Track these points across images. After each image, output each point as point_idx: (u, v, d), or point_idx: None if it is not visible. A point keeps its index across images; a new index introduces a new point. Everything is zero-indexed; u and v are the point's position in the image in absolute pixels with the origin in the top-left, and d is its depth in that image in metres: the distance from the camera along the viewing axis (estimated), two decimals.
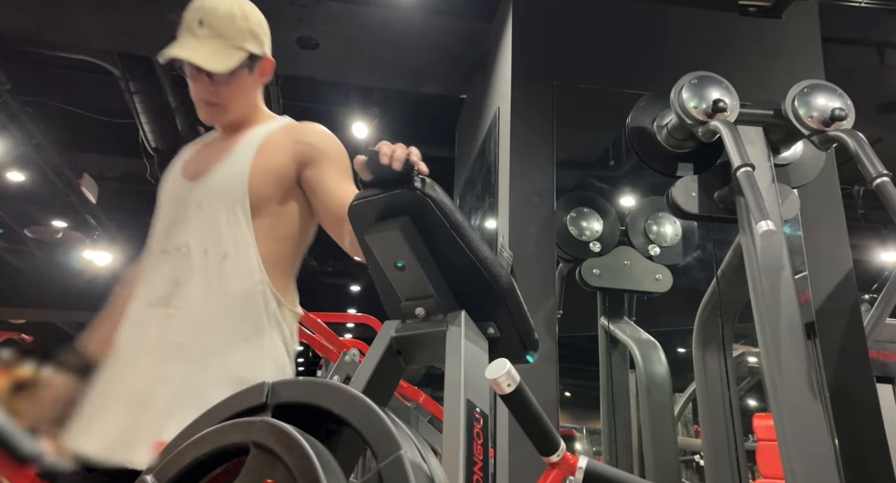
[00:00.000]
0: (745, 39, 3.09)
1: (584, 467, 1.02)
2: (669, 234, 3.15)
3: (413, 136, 5.48)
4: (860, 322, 2.63)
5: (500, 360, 0.97)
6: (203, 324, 1.20)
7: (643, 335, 3.04)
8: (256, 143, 1.34)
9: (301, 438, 0.82)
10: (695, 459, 4.53)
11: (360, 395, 0.89)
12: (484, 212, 3.22)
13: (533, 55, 2.96)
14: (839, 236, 2.75)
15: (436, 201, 1.16)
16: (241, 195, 1.27)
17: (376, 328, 4.45)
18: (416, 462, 0.86)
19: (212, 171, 1.31)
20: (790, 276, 1.85)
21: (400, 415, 0.99)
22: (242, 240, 1.26)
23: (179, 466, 0.87)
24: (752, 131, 2.08)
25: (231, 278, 1.23)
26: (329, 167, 1.36)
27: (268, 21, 1.51)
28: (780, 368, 1.74)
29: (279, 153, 1.33)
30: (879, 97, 4.33)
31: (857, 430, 2.42)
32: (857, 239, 6.03)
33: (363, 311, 5.33)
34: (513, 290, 1.20)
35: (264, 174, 1.29)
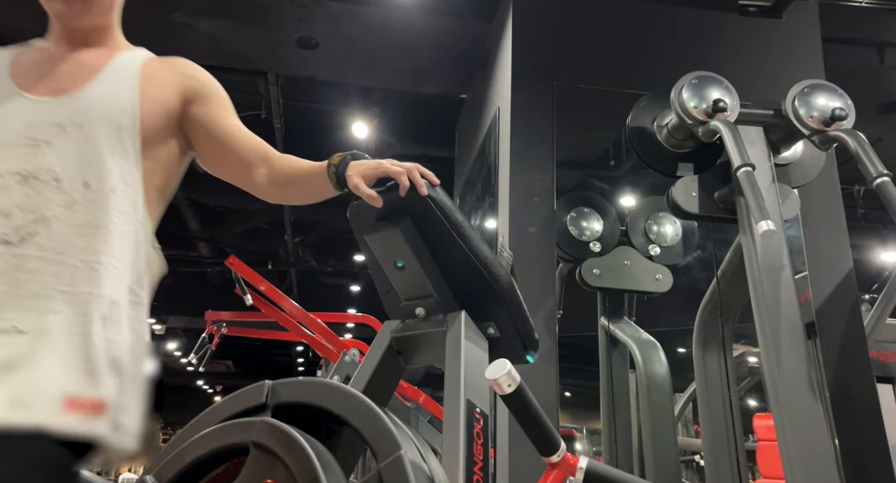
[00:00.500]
0: (745, 39, 3.09)
1: (584, 468, 1.02)
2: (670, 234, 3.15)
3: (413, 136, 5.48)
4: (860, 322, 2.63)
5: (501, 361, 0.97)
6: (78, 271, 0.97)
7: (643, 335, 3.04)
8: (135, 67, 1.14)
9: (301, 438, 0.82)
10: (695, 459, 4.53)
11: (360, 395, 0.89)
12: (484, 212, 3.21)
13: (533, 55, 2.96)
14: (839, 236, 2.75)
15: (436, 201, 1.16)
16: (131, 126, 1.08)
17: (376, 328, 4.45)
18: (416, 462, 0.86)
19: (78, 88, 1.08)
20: (790, 276, 1.85)
21: (400, 415, 0.99)
22: (131, 178, 1.06)
23: (179, 466, 0.87)
24: (753, 131, 2.08)
25: (118, 222, 1.02)
26: (221, 106, 1.24)
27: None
28: (781, 368, 1.73)
29: (164, 86, 1.16)
30: (879, 97, 4.33)
31: (857, 430, 2.42)
32: (857, 239, 6.03)
33: (363, 311, 5.34)
34: (513, 290, 1.20)
35: (154, 106, 1.12)
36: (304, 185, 1.27)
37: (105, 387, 0.91)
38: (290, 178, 1.26)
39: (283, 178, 1.25)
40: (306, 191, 1.29)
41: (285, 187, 1.27)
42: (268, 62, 4.23)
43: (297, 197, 1.33)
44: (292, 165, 1.27)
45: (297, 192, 1.30)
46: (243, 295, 4.23)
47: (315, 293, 9.21)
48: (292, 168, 1.27)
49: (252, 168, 1.25)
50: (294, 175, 1.26)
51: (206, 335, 4.90)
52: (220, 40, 3.80)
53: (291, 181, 1.26)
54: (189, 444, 0.88)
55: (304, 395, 0.92)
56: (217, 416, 0.93)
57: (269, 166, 1.25)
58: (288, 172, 1.26)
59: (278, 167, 1.26)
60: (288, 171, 1.26)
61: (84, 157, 1.03)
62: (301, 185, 1.27)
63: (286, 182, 1.26)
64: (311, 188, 1.28)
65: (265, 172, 1.25)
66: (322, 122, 5.27)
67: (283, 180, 1.25)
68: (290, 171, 1.26)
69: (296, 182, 1.26)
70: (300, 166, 1.27)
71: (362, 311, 5.84)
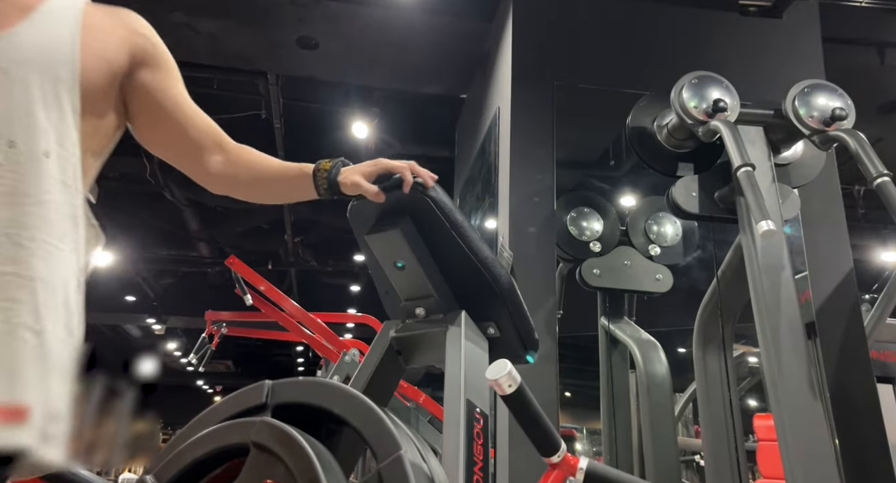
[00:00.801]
0: (745, 39, 3.09)
1: (584, 468, 1.02)
2: (670, 234, 3.15)
3: (413, 136, 5.48)
4: (860, 322, 2.63)
5: (501, 361, 0.97)
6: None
7: (643, 335, 3.04)
8: (75, 13, 0.95)
9: (301, 438, 0.82)
10: (695, 459, 4.53)
11: (360, 395, 0.89)
12: (484, 212, 3.21)
13: (533, 55, 2.96)
14: (839, 236, 2.75)
15: (436, 201, 1.16)
16: (70, 79, 0.90)
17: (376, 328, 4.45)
18: (416, 462, 0.86)
19: (6, 29, 0.89)
20: (790, 276, 1.85)
21: (400, 415, 0.99)
22: (68, 142, 0.89)
23: (179, 466, 0.87)
24: (753, 131, 2.08)
25: (52, 192, 0.85)
26: (173, 75, 1.09)
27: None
28: (781, 368, 1.73)
29: (109, 40, 0.99)
30: (879, 97, 4.33)
31: (857, 430, 2.42)
32: (857, 239, 6.03)
33: (363, 311, 5.33)
34: (513, 290, 1.20)
35: (97, 61, 0.94)
36: (274, 187, 1.20)
37: (30, 390, 0.76)
38: (256, 176, 1.16)
39: (247, 175, 1.15)
40: (275, 192, 1.23)
41: (248, 185, 1.17)
42: (268, 62, 4.23)
43: (258, 195, 1.24)
44: (260, 162, 1.17)
45: (261, 191, 1.22)
46: (243, 295, 4.23)
47: (315, 293, 9.21)
48: (260, 166, 1.17)
49: (203, 153, 1.13)
50: (263, 174, 1.17)
51: (206, 335, 4.90)
52: (220, 40, 3.79)
53: (257, 180, 1.17)
54: (189, 444, 0.88)
55: (304, 395, 0.92)
56: (217, 416, 0.93)
57: (224, 154, 1.14)
58: (255, 170, 1.16)
59: (239, 160, 1.15)
60: (255, 168, 1.16)
61: (10, 109, 0.84)
62: (270, 185, 1.19)
63: (251, 180, 1.16)
64: (282, 190, 1.21)
65: (219, 160, 1.13)
66: (322, 122, 5.27)
67: (247, 177, 1.15)
68: (259, 169, 1.17)
69: (263, 182, 1.17)
70: (270, 165, 1.18)
71: (362, 311, 5.84)
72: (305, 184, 1.18)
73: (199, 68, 4.28)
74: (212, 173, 1.14)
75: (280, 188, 1.20)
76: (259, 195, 1.24)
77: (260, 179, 1.17)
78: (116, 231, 7.30)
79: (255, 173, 1.16)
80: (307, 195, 1.19)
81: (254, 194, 1.22)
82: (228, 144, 1.15)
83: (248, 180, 1.16)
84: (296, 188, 1.19)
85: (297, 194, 1.20)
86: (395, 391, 1.46)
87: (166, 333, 11.51)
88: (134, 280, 8.59)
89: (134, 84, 1.04)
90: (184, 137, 1.11)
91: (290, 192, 1.21)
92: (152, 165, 5.61)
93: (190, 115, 1.11)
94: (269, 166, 1.18)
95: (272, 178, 1.18)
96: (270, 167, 1.18)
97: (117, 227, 7.27)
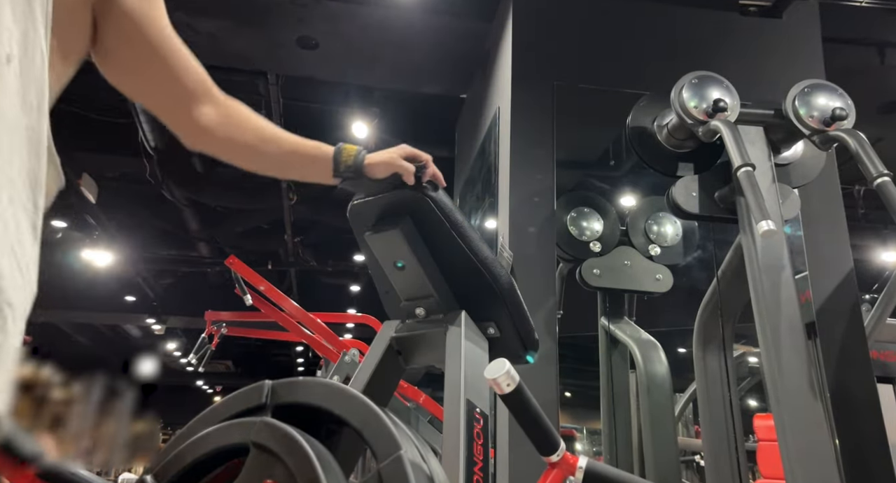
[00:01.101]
0: (745, 39, 3.09)
1: (583, 467, 1.02)
2: (670, 234, 3.15)
3: (413, 136, 5.48)
4: (861, 322, 2.63)
5: (500, 360, 0.97)
6: None
7: (643, 335, 3.04)
8: None
9: (301, 438, 0.82)
10: (695, 459, 4.52)
11: (360, 395, 0.89)
12: (484, 212, 3.21)
13: (533, 55, 2.96)
14: (840, 236, 2.75)
15: (436, 201, 1.16)
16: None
17: (376, 328, 4.45)
18: (416, 462, 0.86)
19: None
20: (790, 276, 1.85)
21: (400, 415, 0.99)
22: (36, 49, 0.70)
23: (179, 467, 0.87)
24: (753, 131, 2.08)
25: (8, 107, 0.66)
26: (159, 5, 0.93)
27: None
28: (781, 368, 1.73)
29: None
30: (879, 97, 4.33)
31: (857, 430, 2.42)
32: (857, 239, 6.03)
33: (363, 311, 5.33)
34: (513, 290, 1.20)
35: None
36: (280, 158, 1.08)
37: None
38: (259, 141, 1.05)
39: (246, 138, 1.03)
40: (276, 163, 1.10)
41: (245, 149, 1.05)
42: (268, 62, 4.23)
43: (252, 162, 1.10)
44: (263, 127, 1.06)
45: (258, 159, 1.09)
46: (243, 295, 4.23)
47: (315, 293, 9.21)
48: (265, 131, 1.06)
49: (194, 102, 0.98)
50: (267, 141, 1.06)
51: (205, 335, 4.89)
52: (220, 40, 3.80)
53: (259, 146, 1.05)
54: (189, 444, 0.88)
55: (304, 396, 0.92)
56: (217, 416, 0.93)
57: (216, 109, 1.00)
58: (258, 134, 1.05)
59: (239, 120, 1.03)
60: (258, 133, 1.05)
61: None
62: (275, 156, 1.08)
63: (250, 144, 1.04)
64: (286, 164, 1.10)
65: (212, 115, 1.00)
66: (322, 122, 5.27)
67: (245, 140, 1.03)
68: (263, 135, 1.05)
69: (265, 150, 1.06)
70: (278, 134, 1.07)
71: (362, 311, 5.84)
72: (321, 162, 1.11)
73: None
74: (201, 126, 0.99)
75: (286, 161, 1.10)
76: (253, 162, 1.10)
77: (261, 147, 1.06)
78: (116, 231, 7.30)
79: (258, 138, 1.05)
80: (313, 174, 1.12)
81: (247, 159, 1.09)
82: (220, 99, 1.02)
83: (246, 143, 1.04)
84: (307, 165, 1.11)
85: (304, 171, 1.12)
86: (395, 391, 1.46)
87: (166, 333, 11.50)
88: (134, 280, 8.59)
89: (112, 8, 0.86)
90: (172, 81, 0.95)
91: (297, 167, 1.11)
92: (152, 165, 5.61)
93: (180, 54, 0.95)
94: (277, 135, 1.07)
95: (281, 150, 1.08)
96: (279, 136, 1.08)
97: (117, 227, 7.27)
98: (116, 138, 5.53)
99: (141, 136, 5.16)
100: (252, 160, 1.10)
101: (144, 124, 4.99)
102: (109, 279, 8.40)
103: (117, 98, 4.80)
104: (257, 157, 1.08)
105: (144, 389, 10.01)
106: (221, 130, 1.01)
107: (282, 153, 1.08)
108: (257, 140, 1.05)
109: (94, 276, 8.21)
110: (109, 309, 9.90)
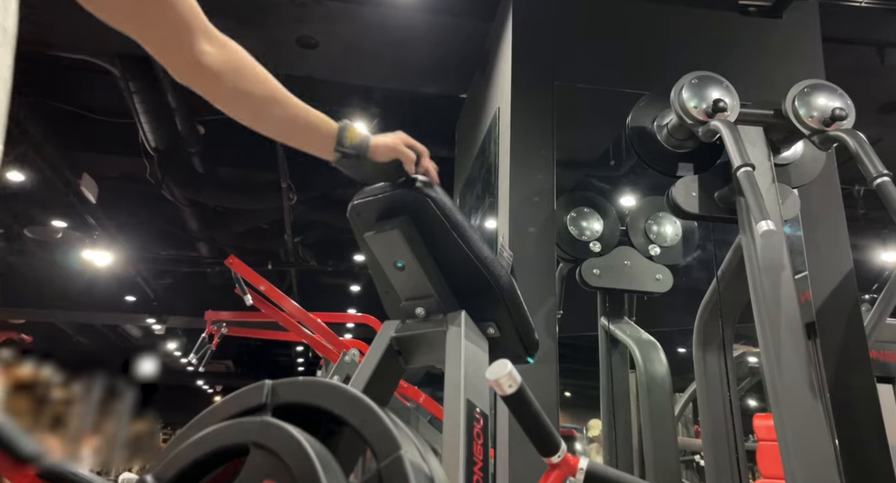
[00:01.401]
0: (745, 39, 3.09)
1: (584, 468, 1.02)
2: (670, 234, 3.15)
3: (413, 136, 5.46)
4: (860, 322, 2.63)
5: (502, 361, 0.97)
6: None
7: (643, 335, 3.04)
8: None
9: (301, 438, 0.82)
10: (695, 459, 4.53)
11: (360, 395, 0.89)
12: (484, 212, 3.21)
13: (533, 55, 2.96)
14: (839, 236, 2.75)
15: (436, 201, 1.16)
16: None
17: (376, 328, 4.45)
18: (416, 462, 0.86)
19: None
20: (790, 276, 1.85)
21: (400, 415, 0.99)
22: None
23: (179, 467, 0.87)
24: (753, 131, 2.08)
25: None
26: None
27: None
28: (781, 368, 1.73)
29: None
30: (879, 97, 4.33)
31: (857, 430, 2.42)
32: (857, 239, 6.03)
33: (363, 311, 5.33)
34: (513, 290, 1.20)
35: None
36: (285, 122, 1.03)
37: None
38: (268, 99, 0.99)
39: (247, 87, 0.96)
40: (280, 126, 1.04)
41: (255, 104, 0.98)
42: (268, 62, 4.21)
43: (257, 121, 1.02)
44: (275, 87, 1.00)
45: (263, 118, 1.02)
46: (243, 295, 4.23)
47: (315, 293, 9.21)
48: (278, 93, 1.00)
49: (190, 33, 0.89)
50: (277, 102, 1.00)
51: (206, 335, 4.89)
52: None
53: (269, 104, 0.99)
54: (189, 444, 0.88)
55: (304, 395, 0.92)
56: (217, 416, 0.93)
57: (216, 48, 0.92)
58: (269, 93, 0.99)
59: (244, 67, 0.96)
60: (269, 91, 0.99)
61: None
62: (281, 119, 1.02)
63: (263, 99, 0.98)
64: (289, 129, 1.05)
65: (213, 54, 0.92)
66: None
67: (246, 89, 0.96)
68: (273, 95, 0.99)
69: (272, 113, 1.00)
70: (287, 96, 1.01)
71: (362, 311, 5.84)
72: (325, 134, 1.06)
73: None
74: (202, 64, 0.91)
75: (289, 125, 1.04)
76: (255, 119, 1.02)
77: (267, 105, 1.00)
78: (116, 231, 7.30)
79: (264, 94, 0.98)
80: (313, 145, 1.06)
81: (250, 115, 1.02)
82: (218, 39, 0.93)
83: (252, 97, 0.97)
84: (310, 132, 1.05)
85: (304, 139, 1.06)
86: (395, 391, 1.46)
87: (166, 333, 11.51)
88: (134, 280, 8.59)
89: None
90: (167, 7, 0.86)
91: (299, 133, 1.05)
92: (152, 165, 5.60)
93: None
94: (284, 95, 1.01)
95: (286, 113, 1.02)
96: (287, 97, 1.02)
97: (117, 227, 7.27)
98: (116, 138, 5.53)
99: (141, 136, 5.16)
100: (254, 116, 1.02)
101: (145, 124, 4.99)
102: (109, 279, 8.40)
103: (118, 98, 4.81)
104: (261, 114, 1.01)
105: (144, 389, 10.01)
106: (228, 78, 0.93)
107: (287, 116, 1.02)
108: (263, 97, 0.98)
109: (94, 276, 8.21)
110: (109, 309, 9.90)
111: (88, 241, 7.41)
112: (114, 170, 6.46)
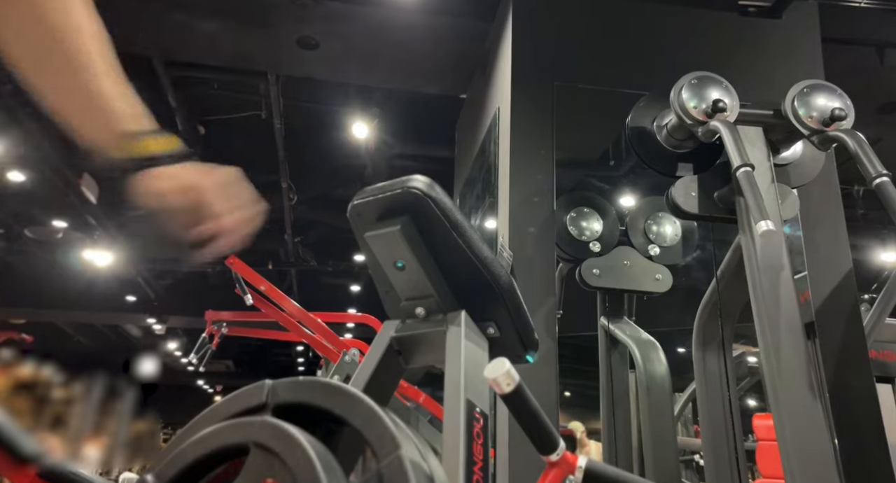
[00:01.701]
0: (745, 39, 3.09)
1: (583, 466, 1.02)
2: (669, 234, 3.15)
3: (413, 136, 5.47)
4: (860, 322, 2.63)
5: (499, 360, 0.97)
6: None
7: (643, 335, 3.04)
8: None
9: (301, 438, 0.82)
10: (695, 459, 4.53)
11: (361, 395, 0.89)
12: (484, 212, 3.22)
13: (533, 55, 2.96)
14: (839, 236, 2.75)
15: (436, 201, 1.16)
16: None
17: (376, 328, 4.45)
18: (416, 462, 0.86)
19: None
20: (790, 276, 1.85)
21: (400, 415, 0.99)
22: None
23: (179, 466, 0.87)
24: (752, 131, 2.08)
25: None
26: None
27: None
28: (780, 368, 1.74)
29: None
30: (879, 97, 4.34)
31: (857, 430, 2.42)
32: (856, 239, 6.04)
33: (363, 311, 5.33)
34: (513, 290, 1.21)
35: None
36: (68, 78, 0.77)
37: None
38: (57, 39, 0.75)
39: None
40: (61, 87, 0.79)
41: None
42: (268, 62, 4.23)
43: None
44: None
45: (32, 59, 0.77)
46: (243, 295, 4.23)
47: (315, 293, 9.21)
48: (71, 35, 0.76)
49: None
50: (62, 50, 0.76)
51: (206, 335, 4.89)
52: (220, 40, 3.79)
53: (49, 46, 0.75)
54: (189, 444, 0.88)
55: (304, 395, 0.92)
56: (217, 416, 0.93)
57: None
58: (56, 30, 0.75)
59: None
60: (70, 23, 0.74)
61: None
62: (61, 70, 0.77)
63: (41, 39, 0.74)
64: (72, 96, 0.79)
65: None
66: (322, 122, 5.27)
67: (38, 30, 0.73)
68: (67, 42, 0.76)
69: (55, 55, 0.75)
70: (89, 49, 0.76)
71: (362, 311, 5.84)
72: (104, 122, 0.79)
73: (199, 68, 4.28)
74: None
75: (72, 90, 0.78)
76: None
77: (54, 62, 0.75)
78: (116, 231, 7.30)
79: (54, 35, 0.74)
80: (91, 129, 0.81)
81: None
82: None
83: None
84: (90, 113, 0.79)
85: (83, 125, 0.80)
86: (396, 391, 1.46)
87: (166, 333, 11.51)
88: (134, 280, 8.59)
89: None
90: None
91: (78, 112, 0.79)
92: None
93: None
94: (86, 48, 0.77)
95: (82, 79, 0.77)
96: (89, 53, 0.77)
97: (117, 227, 7.27)
98: None
99: None
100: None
101: None
102: (110, 279, 8.40)
103: None
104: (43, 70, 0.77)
105: (145, 389, 10.02)
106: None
107: (78, 85, 0.78)
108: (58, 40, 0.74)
109: (95, 275, 8.21)
110: (110, 309, 9.90)
111: (89, 241, 7.41)
112: (114, 170, 6.46)
